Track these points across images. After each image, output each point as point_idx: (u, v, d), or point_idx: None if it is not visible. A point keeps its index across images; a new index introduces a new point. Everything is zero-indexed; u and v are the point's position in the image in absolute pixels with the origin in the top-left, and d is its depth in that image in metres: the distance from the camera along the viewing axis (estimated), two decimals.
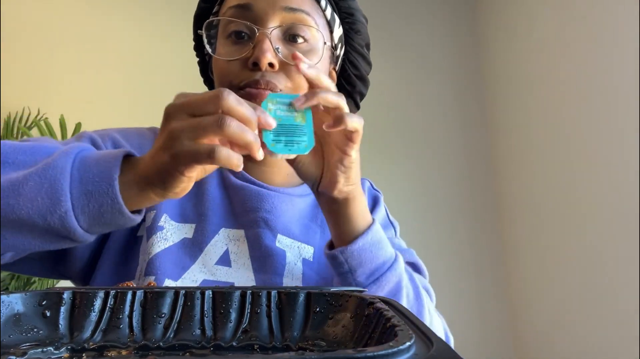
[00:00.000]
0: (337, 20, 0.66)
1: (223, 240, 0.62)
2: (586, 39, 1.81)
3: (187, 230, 0.62)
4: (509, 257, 2.32)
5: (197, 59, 0.73)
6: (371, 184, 0.77)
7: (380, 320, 0.31)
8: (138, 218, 0.46)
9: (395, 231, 0.74)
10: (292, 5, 0.60)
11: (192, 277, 0.58)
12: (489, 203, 2.40)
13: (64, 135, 1.82)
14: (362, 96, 0.74)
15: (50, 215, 0.42)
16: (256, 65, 0.58)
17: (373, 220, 0.57)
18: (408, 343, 0.24)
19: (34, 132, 1.92)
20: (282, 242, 0.63)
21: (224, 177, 0.67)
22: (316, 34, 0.61)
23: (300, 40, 0.61)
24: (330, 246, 0.58)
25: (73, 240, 0.45)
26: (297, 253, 0.63)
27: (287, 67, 0.59)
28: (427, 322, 0.58)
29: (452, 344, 0.65)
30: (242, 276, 0.60)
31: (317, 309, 0.37)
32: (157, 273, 0.56)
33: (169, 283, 0.56)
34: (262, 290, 0.38)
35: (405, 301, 0.56)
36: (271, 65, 0.58)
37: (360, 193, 0.55)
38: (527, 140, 2.17)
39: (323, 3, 0.64)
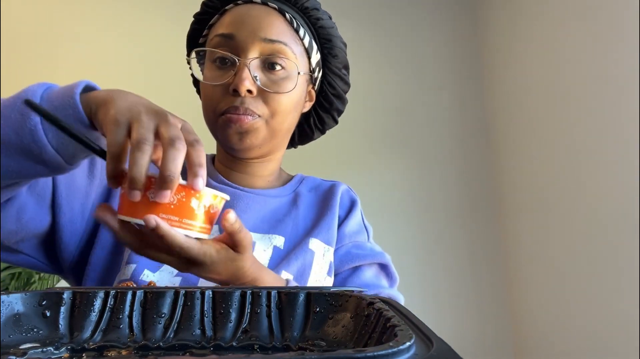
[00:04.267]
0: (315, 47, 0.73)
1: None
2: (586, 39, 1.81)
3: None
4: (508, 257, 2.32)
5: (191, 72, 0.78)
6: (349, 189, 0.82)
7: (380, 320, 0.31)
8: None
9: (368, 235, 0.79)
10: (271, 37, 0.66)
11: (169, 269, 0.62)
12: (489, 203, 2.40)
13: None
14: (340, 112, 0.82)
15: (21, 129, 0.45)
16: (236, 92, 0.64)
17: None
18: (408, 343, 0.24)
19: None
20: (253, 237, 0.68)
21: None
22: (292, 63, 0.68)
23: (277, 68, 0.67)
24: None
25: (47, 163, 0.47)
26: (267, 242, 0.68)
27: (265, 93, 0.66)
28: None
29: None
30: None
31: (317, 309, 0.37)
32: (138, 262, 0.61)
33: (147, 273, 0.60)
34: (262, 290, 0.38)
35: None
36: (250, 91, 0.65)
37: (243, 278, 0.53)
38: (527, 140, 2.17)
39: (301, 32, 0.70)
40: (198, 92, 0.79)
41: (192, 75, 0.77)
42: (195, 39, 0.75)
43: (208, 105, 0.68)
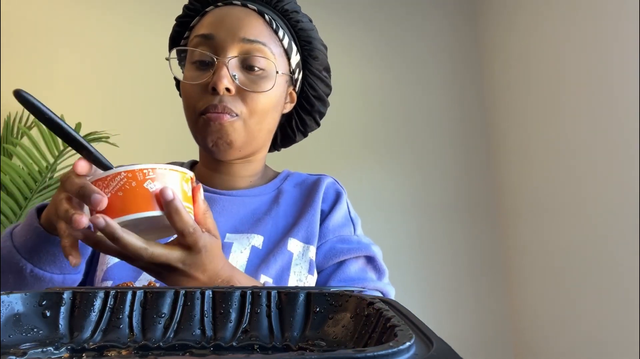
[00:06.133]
0: (295, 48, 0.74)
1: None
2: (587, 38, 1.81)
3: None
4: (508, 257, 2.32)
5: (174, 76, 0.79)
6: (335, 181, 0.81)
7: (380, 320, 0.31)
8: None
9: (354, 227, 0.77)
10: (250, 37, 0.67)
11: (148, 278, 0.63)
12: (489, 203, 2.40)
13: None
14: (322, 115, 0.82)
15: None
16: (215, 90, 0.65)
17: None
18: (408, 343, 0.24)
19: (34, 132, 1.92)
20: (230, 238, 0.69)
21: None
22: (271, 63, 0.68)
23: (256, 68, 0.68)
24: None
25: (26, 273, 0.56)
26: (246, 242, 0.69)
27: (244, 92, 0.67)
28: None
29: None
30: None
31: (317, 309, 0.37)
32: (114, 281, 0.63)
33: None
34: (262, 290, 0.38)
35: None
36: (228, 90, 0.65)
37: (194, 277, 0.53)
38: (527, 139, 2.17)
39: (281, 33, 0.71)
40: (180, 94, 0.79)
41: (175, 78, 0.77)
42: (177, 41, 0.76)
43: (188, 104, 0.69)
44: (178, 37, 0.76)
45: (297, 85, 0.77)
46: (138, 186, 0.46)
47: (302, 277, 0.68)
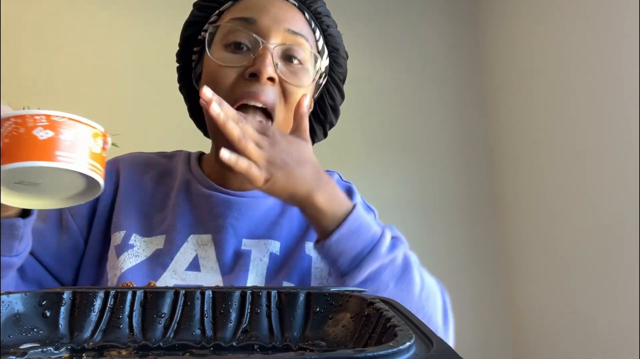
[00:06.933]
0: (326, 52, 0.70)
1: (192, 247, 0.65)
2: (587, 37, 1.81)
3: (158, 242, 0.65)
4: (508, 257, 2.32)
5: (178, 64, 0.74)
6: (340, 176, 0.78)
7: (380, 320, 0.31)
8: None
9: (374, 214, 0.76)
10: (294, 28, 0.63)
11: (163, 284, 0.60)
12: (489, 203, 2.40)
13: None
14: (332, 126, 0.77)
15: None
16: (254, 76, 0.59)
17: (352, 208, 0.58)
18: (408, 343, 0.24)
19: None
20: (247, 244, 0.66)
21: (189, 187, 0.70)
22: (310, 58, 0.65)
23: (295, 61, 0.63)
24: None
25: None
26: (264, 249, 0.66)
27: (284, 84, 0.62)
28: (416, 293, 0.58)
29: (450, 311, 0.66)
30: (210, 279, 0.63)
31: (317, 309, 0.37)
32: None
33: None
34: (262, 290, 0.38)
35: (391, 277, 0.57)
36: (270, 79, 0.60)
37: (323, 190, 0.56)
38: (528, 140, 2.17)
39: (317, 34, 0.67)
40: (182, 88, 0.75)
41: (179, 68, 0.73)
42: (197, 26, 0.69)
43: (219, 89, 0.60)
44: (198, 23, 0.69)
45: (317, 92, 0.73)
46: (26, 133, 0.41)
47: (323, 281, 0.66)
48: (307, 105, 0.61)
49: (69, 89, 2.16)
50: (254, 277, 0.63)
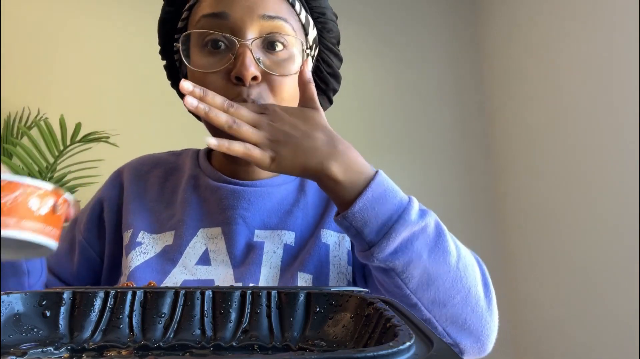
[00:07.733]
0: (311, 22, 0.66)
1: (202, 240, 0.63)
2: (587, 36, 1.81)
3: (167, 238, 0.64)
4: (508, 258, 2.32)
5: (164, 63, 0.71)
6: None
7: (380, 320, 0.31)
8: None
9: None
10: (270, 12, 0.58)
11: (173, 279, 0.59)
12: (489, 204, 2.40)
13: (63, 135, 1.81)
14: (335, 92, 0.74)
15: None
16: (240, 80, 0.57)
17: (375, 174, 0.54)
18: (408, 343, 0.24)
19: (34, 132, 1.92)
20: (260, 235, 0.63)
21: (197, 181, 0.68)
22: (294, 40, 0.61)
23: (279, 47, 0.59)
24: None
25: None
26: (277, 241, 0.63)
27: (270, 77, 0.59)
28: (453, 263, 0.54)
29: (490, 282, 0.63)
30: (221, 272, 0.61)
31: (317, 309, 0.37)
32: (138, 283, 0.59)
33: None
34: (262, 290, 0.38)
35: (424, 246, 0.53)
36: (254, 78, 0.57)
37: (338, 159, 0.52)
38: (527, 138, 2.17)
39: (297, 7, 0.63)
40: (173, 85, 0.72)
41: (166, 67, 0.70)
42: (169, 23, 0.66)
43: None
44: (171, 19, 0.65)
45: (312, 63, 0.69)
46: None
47: (342, 269, 0.63)
48: (309, 70, 0.57)
49: (69, 89, 2.16)
50: (268, 271, 0.61)
